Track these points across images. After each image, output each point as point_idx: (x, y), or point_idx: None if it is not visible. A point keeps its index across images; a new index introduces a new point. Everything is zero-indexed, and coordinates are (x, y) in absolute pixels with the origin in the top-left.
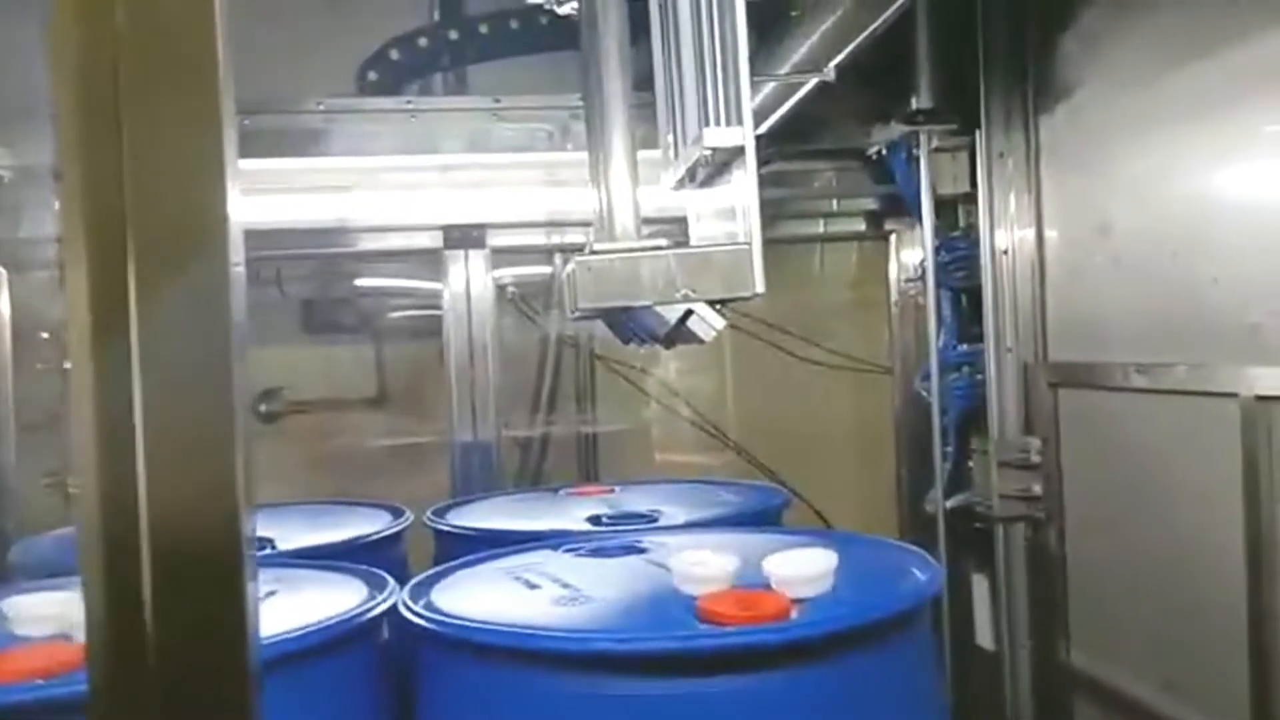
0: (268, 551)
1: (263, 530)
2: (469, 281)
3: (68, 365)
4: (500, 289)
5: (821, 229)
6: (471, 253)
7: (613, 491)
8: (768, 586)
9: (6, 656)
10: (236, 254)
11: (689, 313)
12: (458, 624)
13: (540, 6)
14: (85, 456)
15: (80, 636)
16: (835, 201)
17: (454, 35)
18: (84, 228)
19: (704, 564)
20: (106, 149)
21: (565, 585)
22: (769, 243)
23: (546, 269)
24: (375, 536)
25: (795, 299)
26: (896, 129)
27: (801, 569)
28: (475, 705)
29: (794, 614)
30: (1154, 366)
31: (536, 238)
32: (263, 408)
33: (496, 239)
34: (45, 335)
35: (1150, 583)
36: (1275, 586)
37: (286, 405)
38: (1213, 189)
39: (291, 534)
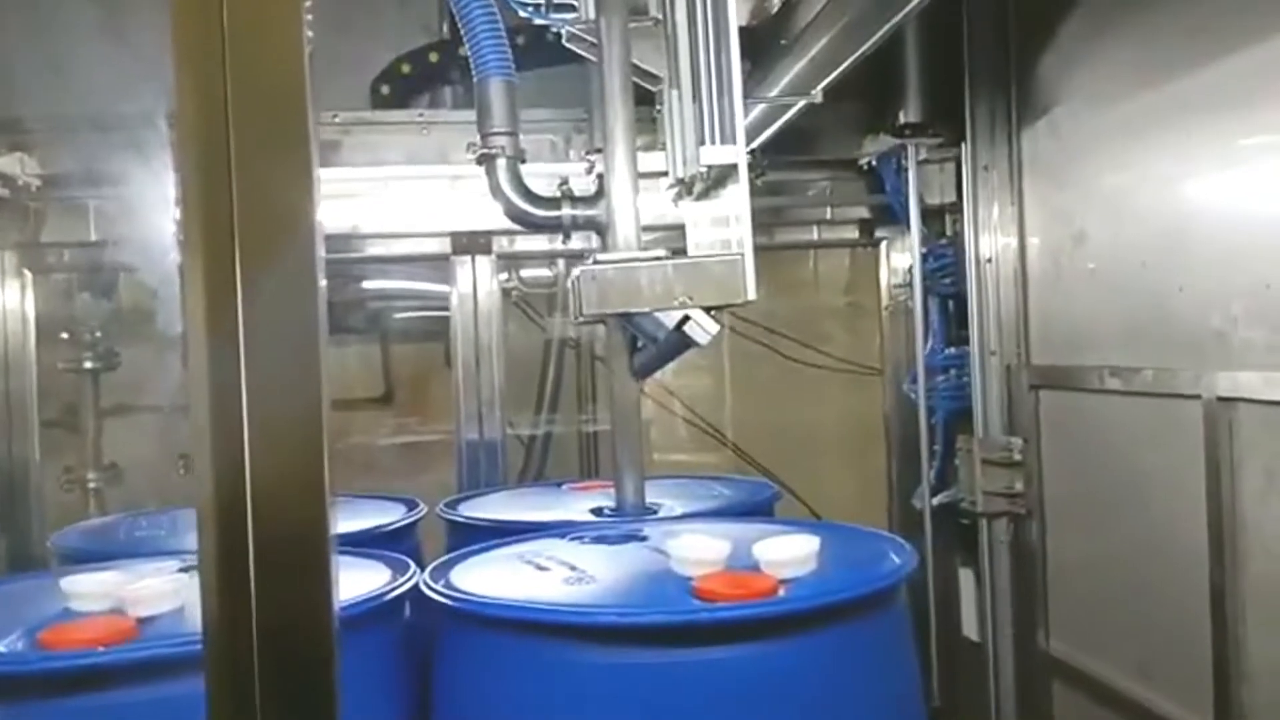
0: None
1: None
2: (476, 285)
3: (88, 365)
4: (505, 293)
5: (815, 236)
6: (478, 258)
7: (611, 486)
8: (757, 569)
9: (68, 628)
10: (320, 251)
11: (686, 318)
12: (477, 601)
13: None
14: (200, 431)
15: (131, 611)
16: (828, 210)
17: (463, 51)
18: (201, 240)
19: (699, 548)
20: (219, 174)
21: (572, 568)
22: (765, 249)
23: (548, 273)
24: (392, 526)
25: (790, 303)
26: (886, 141)
27: (787, 552)
28: (492, 675)
29: (781, 592)
30: (1125, 370)
31: (540, 243)
32: None
33: (503, 245)
34: (66, 336)
35: (1123, 573)
36: (1235, 574)
37: None
38: (1180, 203)
39: None
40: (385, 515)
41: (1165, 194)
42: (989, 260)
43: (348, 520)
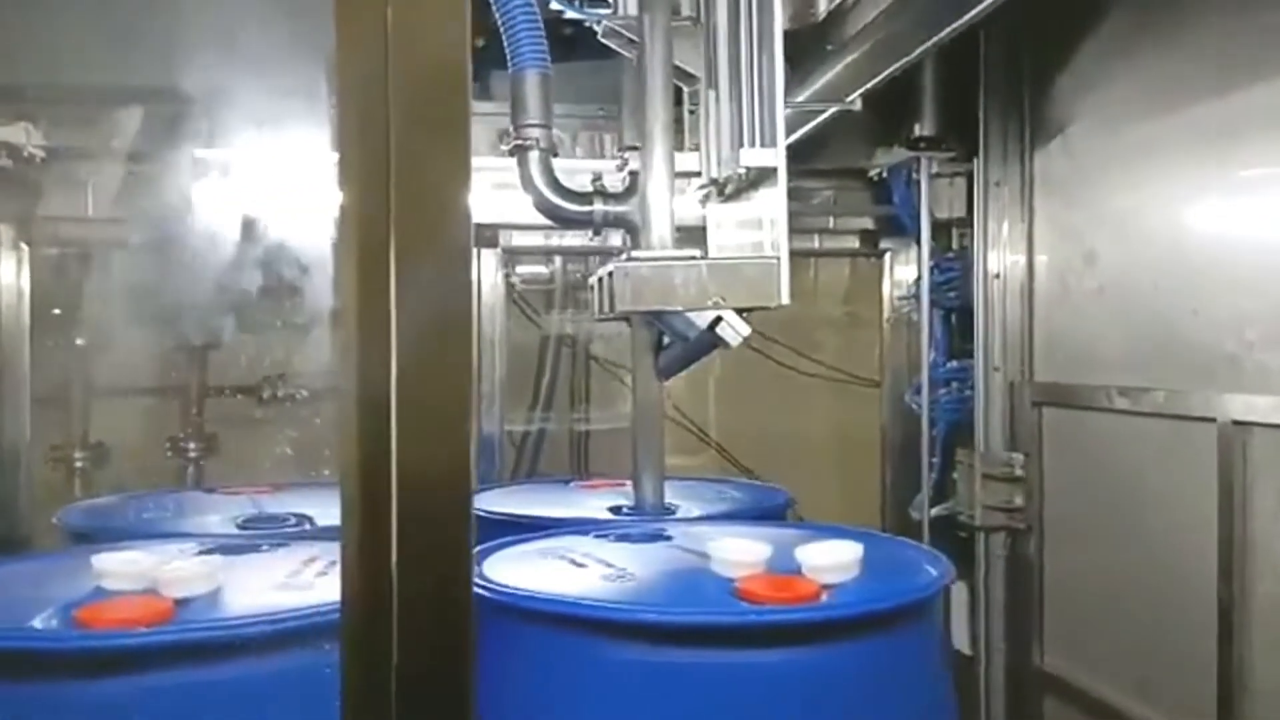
0: (321, 526)
1: (296, 508)
2: (480, 279)
3: (80, 341)
4: (507, 288)
5: (816, 244)
6: (484, 251)
7: (623, 485)
8: (797, 572)
9: (103, 607)
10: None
11: (718, 319)
12: (534, 597)
13: (563, 19)
14: (347, 408)
15: (166, 592)
16: (831, 219)
17: (480, 42)
18: (356, 228)
19: (742, 550)
20: (377, 160)
21: (609, 565)
22: None
23: (545, 270)
24: None
25: (788, 311)
26: (900, 153)
27: (832, 557)
28: (538, 672)
29: (824, 597)
30: (1135, 390)
31: (538, 239)
32: (265, 393)
33: (508, 239)
34: (57, 311)
35: (1123, 592)
36: (1244, 596)
37: (288, 391)
38: (1195, 227)
39: (327, 512)
40: None
41: (1180, 217)
42: (997, 276)
43: None
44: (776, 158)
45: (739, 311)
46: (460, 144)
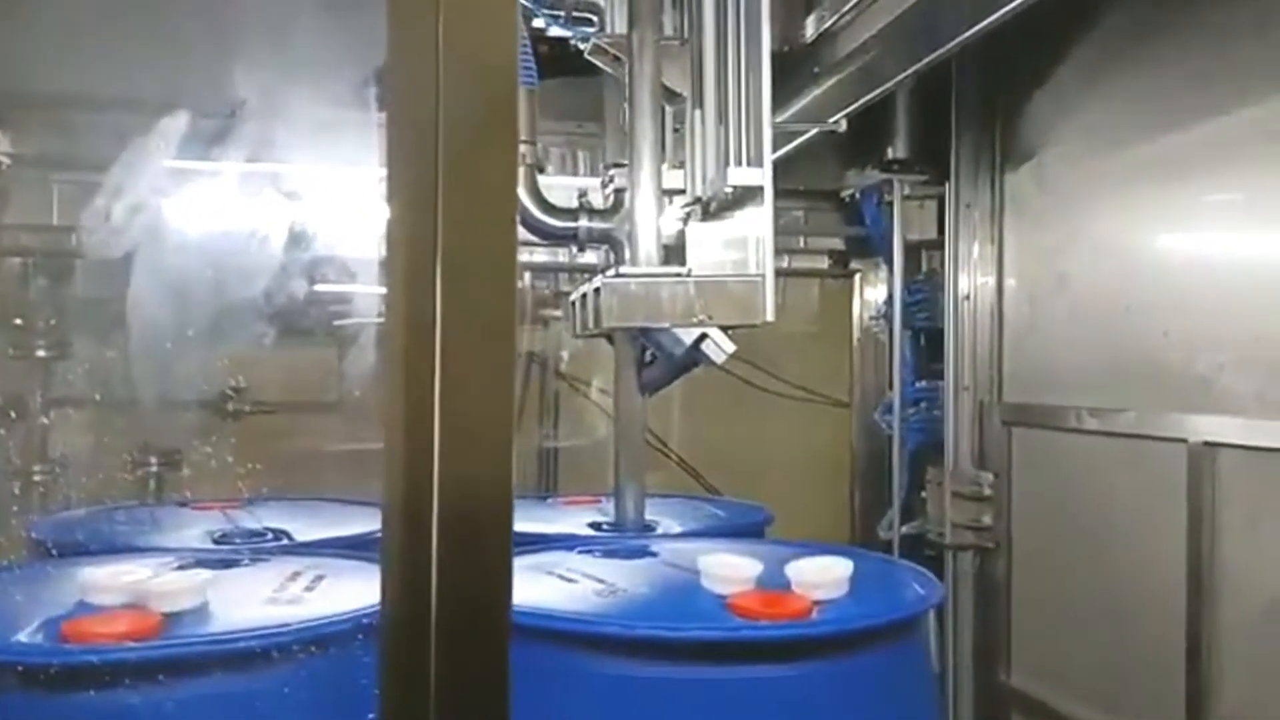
0: (298, 542)
1: (272, 523)
2: None
3: (41, 353)
4: None
5: (786, 264)
6: None
7: (599, 501)
8: (787, 588)
9: (87, 621)
10: (517, 273)
11: (704, 335)
12: (520, 611)
13: (541, 35)
14: (393, 420)
15: (153, 606)
16: (802, 239)
17: None
18: (403, 250)
19: (734, 566)
20: (426, 184)
21: (599, 581)
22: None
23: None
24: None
25: (755, 330)
26: (873, 175)
27: (823, 574)
28: (530, 689)
29: (814, 614)
30: (1106, 411)
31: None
32: (230, 406)
33: None
34: (19, 322)
35: (1092, 610)
36: (1214, 616)
37: (252, 405)
38: (1169, 251)
39: (303, 528)
40: (371, 521)
41: (1153, 241)
42: (967, 297)
43: (338, 525)
44: (763, 177)
45: (724, 329)
46: (509, 156)
